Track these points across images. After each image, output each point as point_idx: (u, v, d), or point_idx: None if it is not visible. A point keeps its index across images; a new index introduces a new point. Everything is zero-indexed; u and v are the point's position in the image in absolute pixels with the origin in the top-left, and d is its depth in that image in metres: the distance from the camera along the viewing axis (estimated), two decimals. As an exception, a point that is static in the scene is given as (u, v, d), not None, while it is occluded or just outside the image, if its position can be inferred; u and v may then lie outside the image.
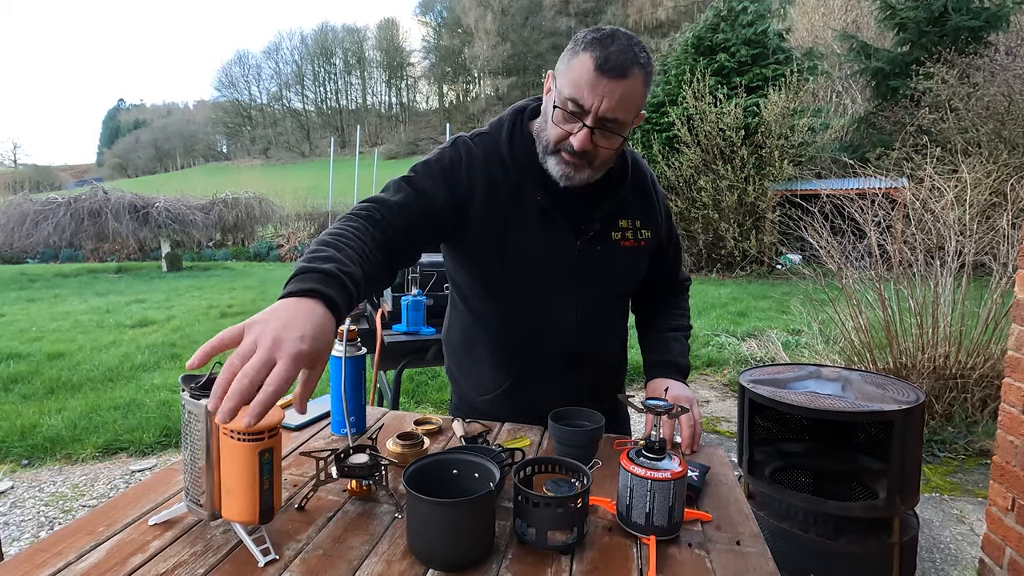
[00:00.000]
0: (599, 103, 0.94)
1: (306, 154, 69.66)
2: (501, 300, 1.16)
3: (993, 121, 9.20)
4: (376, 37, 78.03)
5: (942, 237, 3.43)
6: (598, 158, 1.03)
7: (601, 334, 1.22)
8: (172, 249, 14.17)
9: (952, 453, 3.00)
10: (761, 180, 10.46)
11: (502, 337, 1.19)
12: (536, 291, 1.13)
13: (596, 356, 1.22)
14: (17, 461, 3.07)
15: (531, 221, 1.09)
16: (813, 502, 1.81)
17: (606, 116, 0.96)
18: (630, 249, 1.17)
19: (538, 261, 1.10)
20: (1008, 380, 1.84)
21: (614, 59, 0.93)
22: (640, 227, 1.18)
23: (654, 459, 0.83)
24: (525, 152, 1.09)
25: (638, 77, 0.95)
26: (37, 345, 5.57)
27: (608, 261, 1.14)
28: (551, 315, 1.15)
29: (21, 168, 72.97)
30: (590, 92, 0.94)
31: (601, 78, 0.93)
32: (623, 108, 0.96)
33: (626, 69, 0.93)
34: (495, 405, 1.24)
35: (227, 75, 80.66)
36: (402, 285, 2.21)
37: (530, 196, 1.09)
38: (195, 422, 0.77)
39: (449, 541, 0.73)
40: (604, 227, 1.14)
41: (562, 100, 0.98)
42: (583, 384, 1.22)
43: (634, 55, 0.94)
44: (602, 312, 1.20)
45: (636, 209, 1.19)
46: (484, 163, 1.09)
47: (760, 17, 12.06)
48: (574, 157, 1.01)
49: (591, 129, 0.97)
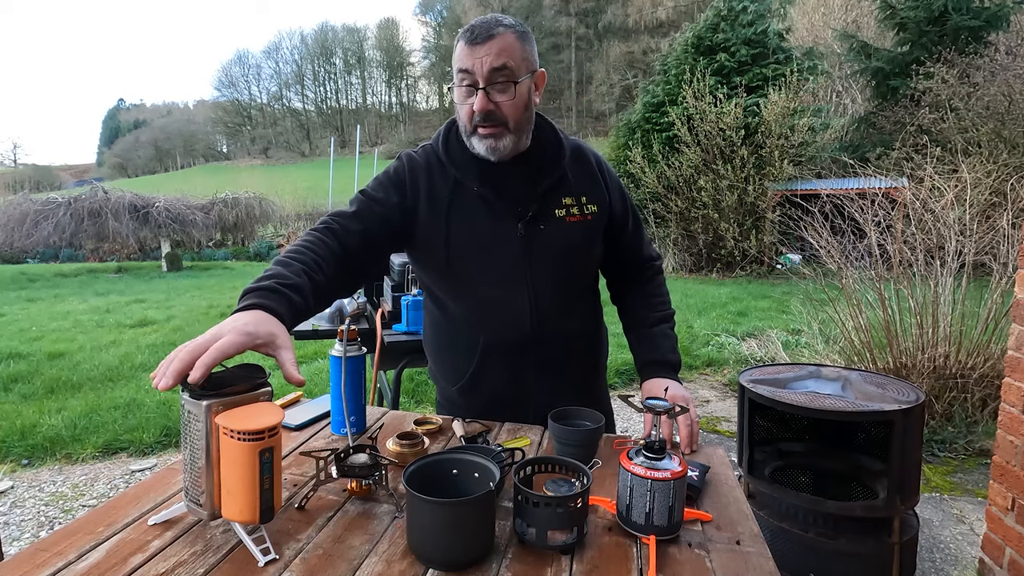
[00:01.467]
0: (479, 65, 1.05)
1: (306, 154, 69.69)
2: (456, 291, 1.22)
3: (993, 121, 9.19)
4: (376, 37, 78.10)
5: (942, 237, 3.43)
6: (509, 117, 1.09)
7: (560, 314, 1.22)
8: (172, 249, 14.18)
9: (952, 453, 3.00)
10: (761, 180, 10.46)
11: (462, 326, 1.23)
12: (486, 278, 1.18)
13: (559, 337, 1.22)
14: (17, 461, 3.07)
15: (472, 211, 1.16)
16: (813, 502, 1.81)
17: (492, 69, 1.05)
18: (577, 224, 1.19)
19: (483, 248, 1.16)
20: (1008, 380, 1.84)
21: (478, 29, 1.06)
22: (586, 202, 1.20)
23: (654, 459, 0.83)
24: (459, 151, 1.18)
25: (507, 33, 1.06)
26: (37, 345, 5.57)
27: (554, 239, 1.17)
28: (504, 299, 1.18)
29: (21, 168, 72.98)
30: (469, 60, 1.05)
31: (473, 47, 1.05)
32: (503, 57, 1.05)
33: (491, 30, 1.05)
34: (467, 395, 1.28)
35: (227, 75, 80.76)
36: (402, 285, 2.21)
37: (468, 188, 1.16)
38: (195, 422, 0.77)
39: (449, 541, 0.73)
40: (545, 206, 1.17)
41: (456, 77, 1.09)
42: (551, 366, 1.23)
43: (496, 20, 1.07)
44: (558, 291, 1.20)
45: (579, 185, 1.21)
46: (425, 167, 1.18)
47: (760, 17, 12.05)
48: (487, 125, 1.09)
49: (484, 90, 1.06)
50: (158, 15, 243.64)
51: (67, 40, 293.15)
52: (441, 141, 1.20)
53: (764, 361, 4.43)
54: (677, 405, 0.90)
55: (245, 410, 0.77)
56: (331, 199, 9.18)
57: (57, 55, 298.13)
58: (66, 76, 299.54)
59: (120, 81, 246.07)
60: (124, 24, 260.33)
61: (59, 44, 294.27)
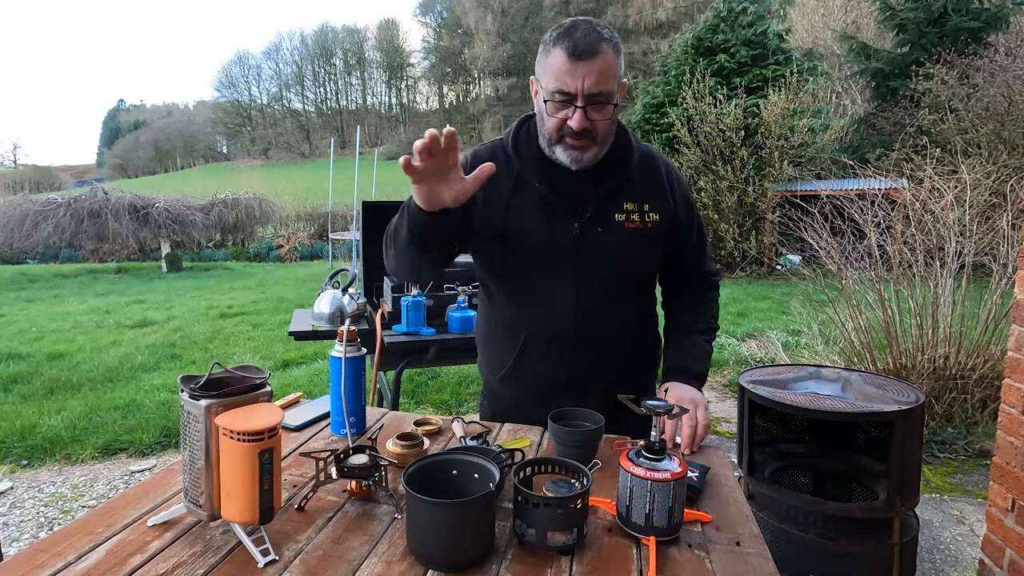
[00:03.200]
0: (582, 84, 1.04)
1: (306, 154, 69.69)
2: (505, 282, 1.25)
3: (993, 122, 9.19)
4: (376, 38, 78.09)
5: (942, 238, 3.43)
6: (598, 132, 1.11)
7: (604, 317, 1.21)
8: (172, 249, 14.17)
9: (952, 454, 2.99)
10: (761, 181, 10.45)
11: (507, 318, 1.26)
12: (534, 273, 1.19)
13: (600, 339, 1.22)
14: (17, 461, 3.07)
15: (530, 206, 1.17)
16: (813, 503, 1.81)
17: (592, 92, 1.05)
18: (636, 231, 1.19)
19: (536, 243, 1.17)
20: (1008, 381, 1.83)
21: (582, 43, 1.03)
22: (648, 210, 1.20)
23: (654, 460, 0.83)
24: (527, 147, 1.20)
25: (608, 51, 1.04)
26: (37, 345, 5.57)
27: (610, 242, 1.17)
28: (549, 296, 1.20)
29: (21, 168, 72.96)
30: (571, 78, 1.04)
31: (576, 63, 1.03)
32: (604, 81, 1.05)
33: (595, 47, 1.03)
34: (505, 386, 1.30)
35: (227, 75, 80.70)
36: (402, 286, 2.21)
37: (530, 184, 1.17)
38: (195, 422, 0.77)
39: (449, 542, 0.73)
40: (605, 208, 1.18)
41: (549, 94, 1.07)
42: (590, 368, 1.23)
43: (598, 34, 1.05)
44: (606, 294, 1.20)
45: (644, 192, 1.21)
46: (489, 159, 1.18)
47: (760, 18, 12.05)
48: (576, 139, 1.10)
49: (583, 109, 1.06)
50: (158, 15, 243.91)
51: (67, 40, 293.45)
52: (512, 136, 1.22)
53: (764, 362, 4.43)
54: (677, 406, 0.90)
55: (244, 411, 0.77)
56: (331, 200, 9.16)
57: (57, 55, 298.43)
58: (66, 76, 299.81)
59: (120, 82, 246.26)
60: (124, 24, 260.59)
61: (59, 44, 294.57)
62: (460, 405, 3.92)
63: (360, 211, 2.66)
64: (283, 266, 15.21)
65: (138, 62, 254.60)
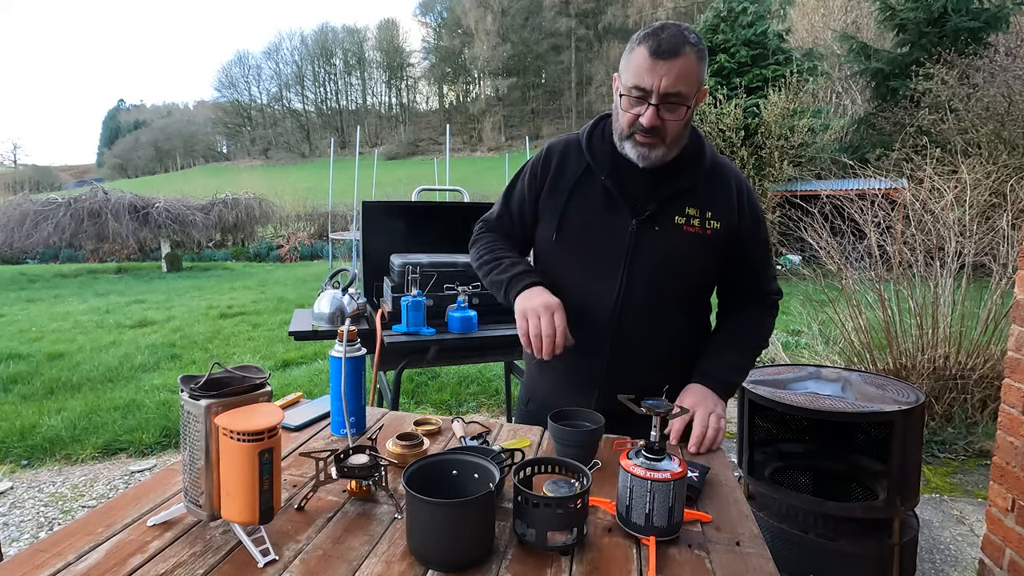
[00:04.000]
0: (659, 82, 1.05)
1: (306, 154, 69.68)
2: (555, 267, 1.27)
3: (993, 122, 9.20)
4: (376, 38, 78.08)
5: (942, 238, 3.43)
6: (668, 133, 1.12)
7: (647, 316, 1.20)
8: (172, 249, 14.17)
9: (952, 454, 2.99)
10: (761, 181, 10.46)
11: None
12: (586, 262, 1.21)
13: (638, 340, 1.20)
14: (17, 461, 3.07)
15: (592, 197, 1.21)
16: (813, 503, 1.81)
17: (668, 92, 1.06)
18: (694, 236, 1.18)
19: (591, 233, 1.20)
20: (1008, 381, 1.83)
21: (666, 43, 1.04)
22: (710, 217, 1.19)
23: (654, 460, 0.83)
24: (600, 142, 1.23)
25: (690, 54, 1.05)
26: (37, 345, 5.57)
27: (665, 243, 1.17)
28: (595, 288, 1.20)
29: (21, 168, 72.95)
30: (649, 75, 1.05)
31: (657, 61, 1.05)
32: (682, 82, 1.06)
33: (678, 49, 1.04)
34: (544, 370, 1.32)
35: (227, 75, 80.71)
36: (402, 286, 2.21)
37: (596, 176, 1.21)
38: (194, 422, 0.77)
39: (449, 542, 0.73)
40: (666, 209, 1.18)
41: (627, 89, 1.09)
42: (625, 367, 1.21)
43: (684, 37, 1.06)
44: (652, 294, 1.19)
45: (708, 199, 1.20)
46: (561, 150, 1.27)
47: (760, 18, 12.06)
48: (646, 136, 1.11)
49: (656, 106, 1.07)
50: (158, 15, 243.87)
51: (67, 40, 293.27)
52: (587, 129, 1.26)
53: (764, 362, 4.42)
54: (677, 406, 0.90)
55: (244, 411, 0.77)
56: (331, 200, 9.16)
57: (57, 55, 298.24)
58: (66, 76, 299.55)
59: (120, 82, 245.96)
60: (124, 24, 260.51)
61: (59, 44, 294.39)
62: (460, 405, 3.92)
63: (360, 211, 2.66)
64: (283, 266, 15.21)
65: (138, 62, 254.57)
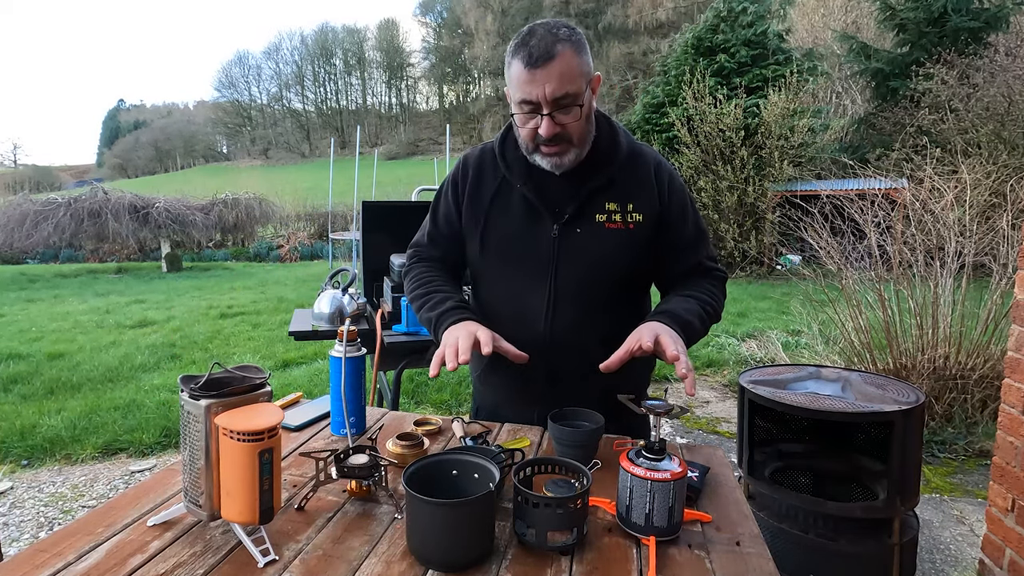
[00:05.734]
0: (542, 92, 1.03)
1: (306, 154, 69.67)
2: (484, 281, 1.27)
3: (993, 122, 9.19)
4: (376, 38, 78.08)
5: (942, 238, 3.43)
6: (573, 135, 1.10)
7: (579, 322, 1.17)
8: (172, 249, 14.17)
9: (952, 454, 2.99)
10: (761, 181, 10.45)
11: (485, 316, 1.22)
12: (512, 274, 1.20)
13: (574, 345, 1.17)
14: (17, 461, 3.07)
15: (512, 208, 1.19)
16: (813, 503, 1.81)
17: (554, 97, 1.03)
18: (618, 232, 1.16)
19: (515, 245, 1.19)
20: (1008, 381, 1.83)
21: (537, 50, 1.02)
22: (632, 210, 1.16)
23: (654, 460, 0.83)
24: (514, 150, 1.20)
25: (566, 52, 1.02)
26: (37, 345, 5.57)
27: (589, 243, 1.16)
28: (524, 297, 1.20)
29: (21, 168, 72.93)
30: (531, 87, 1.03)
31: (534, 71, 1.02)
32: (566, 83, 1.03)
33: (550, 51, 1.01)
34: (484, 385, 1.33)
35: (227, 75, 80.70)
36: (402, 286, 2.21)
37: (514, 186, 1.19)
38: (194, 422, 0.77)
39: (449, 542, 0.73)
40: (585, 209, 1.16)
41: (516, 106, 1.08)
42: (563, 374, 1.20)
43: (554, 37, 1.03)
44: (581, 297, 1.17)
45: (628, 191, 1.17)
46: (477, 162, 1.24)
47: (760, 18, 12.05)
48: (551, 146, 1.10)
49: (549, 115, 1.05)
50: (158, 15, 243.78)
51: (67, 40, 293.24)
52: (500, 139, 1.24)
53: (764, 362, 4.42)
54: (676, 406, 0.90)
55: (244, 411, 0.77)
56: (331, 200, 9.16)
57: (57, 55, 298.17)
58: (66, 76, 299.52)
59: (120, 81, 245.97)
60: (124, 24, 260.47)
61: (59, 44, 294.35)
62: (460, 405, 3.92)
63: (360, 211, 2.66)
64: (283, 266, 15.21)
65: (138, 62, 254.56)
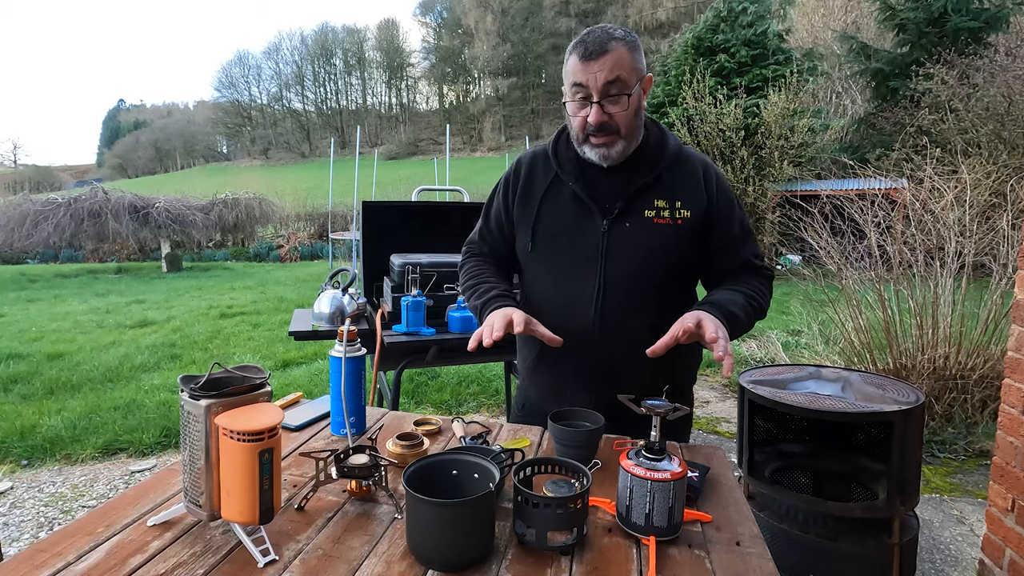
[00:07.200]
0: (594, 79, 1.10)
1: (306, 154, 69.70)
2: (535, 274, 1.31)
3: (993, 122, 9.19)
4: (376, 38, 78.13)
5: (942, 238, 3.43)
6: (621, 126, 1.15)
7: (628, 314, 1.20)
8: (172, 249, 14.16)
9: (952, 454, 2.99)
10: (761, 181, 10.45)
11: (535, 309, 1.26)
12: (562, 267, 1.24)
13: (622, 336, 1.20)
14: (17, 461, 3.07)
15: (563, 204, 1.24)
16: (813, 503, 1.81)
17: (606, 83, 1.10)
18: (666, 227, 1.20)
19: (564, 239, 1.23)
20: (1008, 381, 1.83)
21: (592, 45, 1.10)
22: (680, 206, 1.21)
23: (654, 460, 0.83)
24: (565, 149, 1.27)
25: (619, 47, 1.10)
26: (37, 345, 5.57)
27: (637, 238, 1.19)
28: (574, 290, 1.22)
29: (21, 168, 72.94)
30: (584, 75, 1.11)
31: (588, 62, 1.10)
32: (617, 71, 1.10)
33: (604, 45, 1.10)
34: (532, 375, 1.35)
35: (227, 75, 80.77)
36: (402, 286, 2.21)
37: (565, 183, 1.25)
38: (194, 422, 0.77)
39: (449, 542, 0.73)
40: (634, 205, 1.20)
41: (569, 91, 1.15)
42: (611, 364, 1.22)
43: (608, 34, 1.11)
44: (630, 291, 1.20)
45: (676, 189, 1.22)
46: (529, 162, 1.31)
47: (760, 18, 12.06)
48: (600, 136, 1.16)
49: (599, 103, 1.12)
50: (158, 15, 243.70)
51: (67, 40, 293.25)
52: (553, 139, 1.30)
53: (764, 362, 4.42)
54: (677, 406, 0.90)
55: (244, 411, 0.77)
56: (331, 200, 9.17)
57: (57, 55, 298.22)
58: (66, 76, 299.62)
59: (120, 81, 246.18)
60: (124, 24, 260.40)
61: (59, 44, 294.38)
62: (460, 405, 3.92)
63: (360, 211, 2.66)
64: (283, 266, 15.21)
65: (138, 62, 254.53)
